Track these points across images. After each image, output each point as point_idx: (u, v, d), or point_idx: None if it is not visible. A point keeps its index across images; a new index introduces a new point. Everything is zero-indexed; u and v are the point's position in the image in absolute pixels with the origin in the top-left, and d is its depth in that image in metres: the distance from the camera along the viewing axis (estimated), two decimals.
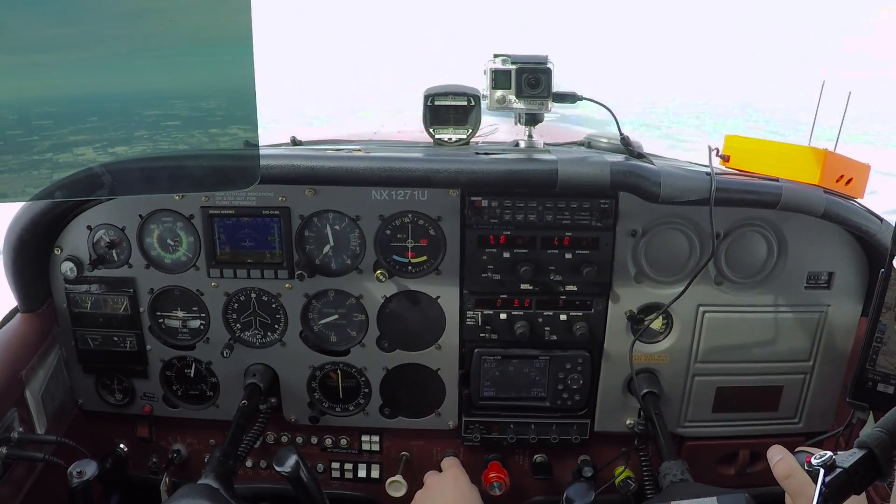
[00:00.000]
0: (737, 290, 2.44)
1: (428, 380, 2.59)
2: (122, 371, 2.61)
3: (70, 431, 2.54)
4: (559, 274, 2.41)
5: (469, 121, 2.50)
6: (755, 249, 2.40)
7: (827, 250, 2.40)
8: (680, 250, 2.40)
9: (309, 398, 2.63)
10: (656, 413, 2.40)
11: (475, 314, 2.48)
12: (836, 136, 2.30)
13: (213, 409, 2.65)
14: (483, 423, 2.60)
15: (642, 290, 2.43)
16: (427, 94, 2.49)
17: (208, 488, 1.97)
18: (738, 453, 2.67)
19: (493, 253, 2.39)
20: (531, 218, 2.35)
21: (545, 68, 2.35)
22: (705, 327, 2.47)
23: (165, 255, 2.45)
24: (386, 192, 2.35)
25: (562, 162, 2.23)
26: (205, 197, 2.36)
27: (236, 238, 2.41)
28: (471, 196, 2.34)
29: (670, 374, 2.53)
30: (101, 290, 2.49)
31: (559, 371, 2.53)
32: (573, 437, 2.61)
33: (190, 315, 2.54)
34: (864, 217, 2.29)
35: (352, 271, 2.44)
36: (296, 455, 2.02)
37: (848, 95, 2.23)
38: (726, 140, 2.52)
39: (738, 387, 2.55)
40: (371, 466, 2.76)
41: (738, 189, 2.24)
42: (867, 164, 2.39)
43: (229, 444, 2.25)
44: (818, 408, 2.58)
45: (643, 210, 2.34)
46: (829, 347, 2.49)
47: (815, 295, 2.45)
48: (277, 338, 2.54)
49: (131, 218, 2.40)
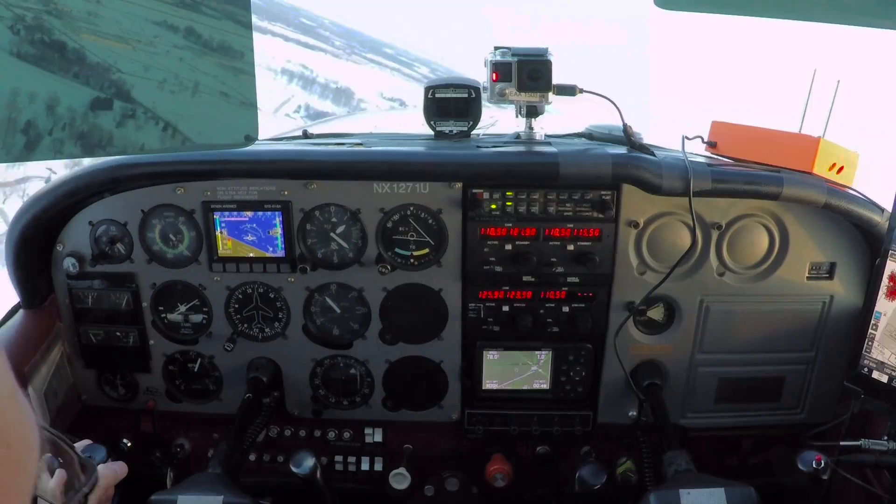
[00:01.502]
0: (739, 282, 2.44)
1: (430, 372, 2.59)
2: (125, 366, 2.62)
3: (73, 427, 2.54)
4: (561, 266, 2.41)
5: (470, 113, 2.50)
6: (757, 240, 2.40)
7: (828, 241, 2.40)
8: (682, 241, 2.40)
9: (312, 392, 2.64)
10: (659, 404, 2.41)
11: (477, 306, 2.48)
12: (825, 124, 2.30)
13: (217, 404, 2.66)
14: (486, 416, 2.61)
15: (644, 281, 2.43)
16: (428, 86, 2.49)
17: (219, 477, 2.00)
18: (740, 444, 2.68)
19: (495, 245, 2.39)
20: (533, 210, 2.35)
21: (545, 61, 2.35)
22: (707, 318, 2.47)
23: (167, 250, 2.46)
24: (387, 185, 2.35)
25: (563, 154, 2.24)
26: (206, 192, 2.36)
27: (238, 232, 2.41)
28: (472, 189, 2.34)
29: (673, 365, 2.54)
30: (104, 286, 2.49)
31: (562, 363, 2.53)
32: (576, 428, 2.61)
33: (192, 310, 2.54)
34: (866, 207, 2.29)
35: (354, 264, 2.45)
36: (313, 458, 2.05)
37: (837, 84, 2.22)
38: (712, 126, 2.50)
39: (740, 378, 2.55)
40: (374, 459, 2.77)
41: (740, 180, 2.25)
42: (857, 153, 2.38)
43: (234, 438, 2.25)
44: (820, 398, 2.58)
45: (645, 201, 2.34)
46: (831, 338, 2.49)
47: (817, 285, 2.45)
48: (280, 331, 2.55)
49: (133, 213, 2.40)
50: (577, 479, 2.07)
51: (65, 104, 1.55)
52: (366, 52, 29.66)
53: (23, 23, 1.44)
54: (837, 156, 2.33)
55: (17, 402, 0.77)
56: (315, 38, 29.30)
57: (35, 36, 1.47)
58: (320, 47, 29.51)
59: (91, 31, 1.55)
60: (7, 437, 0.72)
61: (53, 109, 1.53)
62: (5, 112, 1.45)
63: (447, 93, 2.48)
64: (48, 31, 1.48)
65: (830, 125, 2.28)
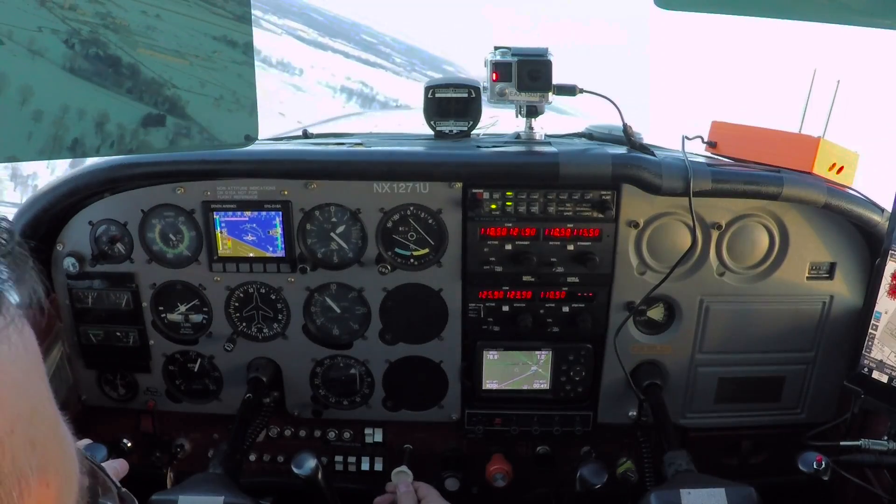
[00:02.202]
0: (739, 282, 2.44)
1: (430, 372, 2.59)
2: (125, 366, 2.62)
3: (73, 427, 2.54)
4: (561, 265, 2.41)
5: (470, 113, 2.50)
6: (757, 240, 2.40)
7: (829, 241, 2.40)
8: (682, 241, 2.40)
9: (312, 392, 2.64)
10: (659, 404, 2.41)
11: (477, 306, 2.48)
12: (825, 124, 2.30)
13: (217, 404, 2.66)
14: (486, 416, 2.61)
15: (644, 281, 2.43)
16: (428, 86, 2.49)
17: (220, 477, 2.00)
18: (740, 444, 2.68)
19: (495, 245, 2.40)
20: (533, 210, 2.36)
21: (545, 61, 2.35)
22: (707, 318, 2.47)
23: (167, 249, 2.46)
24: (387, 185, 2.35)
25: (563, 154, 2.24)
26: (206, 191, 2.36)
27: (238, 232, 2.41)
28: (472, 188, 2.34)
29: (673, 365, 2.54)
30: (103, 286, 2.49)
31: (562, 363, 2.53)
32: (576, 428, 2.61)
33: (192, 310, 2.54)
34: (866, 207, 2.29)
35: (354, 264, 2.45)
36: (315, 459, 2.05)
37: (837, 84, 2.22)
38: (712, 126, 2.51)
39: (740, 377, 2.56)
40: (374, 459, 2.77)
41: (740, 180, 2.25)
42: (857, 153, 2.39)
43: (234, 438, 2.25)
44: (820, 398, 2.58)
45: (645, 201, 2.34)
46: (832, 338, 2.49)
47: (817, 285, 2.45)
48: (280, 331, 2.55)
49: (133, 213, 2.40)
50: (578, 479, 2.08)
51: (115, 121, 1.52)
52: (426, 69, 29.13)
53: (78, 37, 1.41)
54: (837, 156, 2.33)
55: (59, 437, 0.75)
56: (376, 54, 28.79)
57: (90, 50, 1.44)
58: (381, 64, 29.08)
59: (148, 45, 1.52)
60: (47, 474, 0.70)
61: (103, 126, 1.50)
62: (52, 129, 1.43)
63: (447, 93, 2.48)
64: (104, 46, 1.45)
65: (830, 125, 2.28)
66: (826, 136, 2.29)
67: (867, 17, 1.77)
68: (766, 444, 2.71)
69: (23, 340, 0.70)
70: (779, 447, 2.67)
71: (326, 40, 26.86)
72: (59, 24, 1.38)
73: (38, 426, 0.71)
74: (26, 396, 0.70)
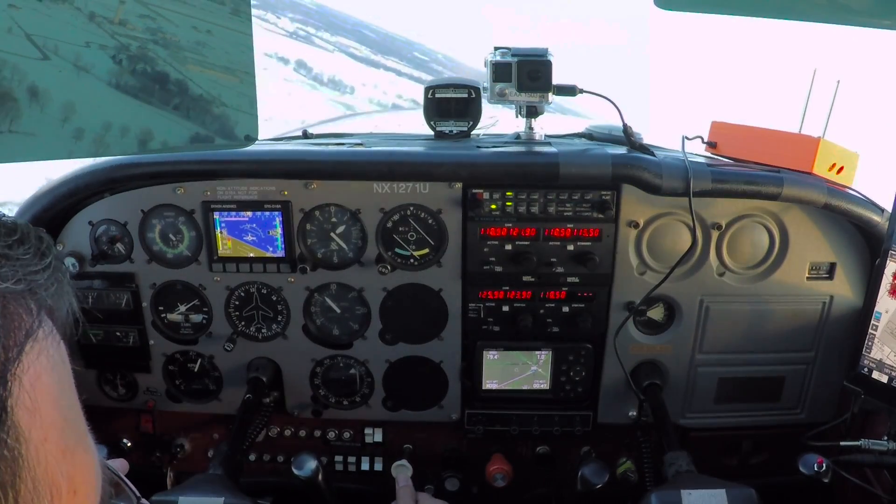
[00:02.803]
0: (739, 282, 2.44)
1: (430, 372, 2.59)
2: (125, 366, 2.62)
3: None
4: (561, 266, 2.41)
5: (470, 113, 2.50)
6: (757, 240, 2.40)
7: (828, 241, 2.40)
8: (682, 242, 2.40)
9: (311, 392, 2.64)
10: (659, 404, 2.41)
11: (477, 306, 2.48)
12: (825, 124, 2.30)
13: (216, 404, 2.66)
14: (486, 416, 2.61)
15: (644, 281, 2.43)
16: (428, 86, 2.49)
17: (220, 478, 2.01)
18: (740, 444, 2.68)
19: (495, 245, 2.40)
20: (533, 210, 2.35)
21: (545, 61, 2.35)
22: (707, 318, 2.47)
23: (167, 249, 2.46)
24: (387, 185, 2.35)
25: (563, 154, 2.24)
26: (206, 192, 2.36)
27: (238, 232, 2.41)
28: (472, 188, 2.34)
29: (673, 365, 2.54)
30: (104, 286, 2.49)
31: (562, 363, 2.53)
32: (576, 428, 2.61)
33: (192, 310, 2.54)
34: (867, 207, 2.29)
35: (354, 264, 2.45)
36: (315, 460, 2.05)
37: (837, 84, 2.22)
38: (712, 126, 2.51)
39: (740, 378, 2.56)
40: (374, 459, 2.77)
41: (740, 180, 2.25)
42: (856, 153, 2.39)
43: (234, 438, 2.25)
44: (820, 398, 2.58)
45: (645, 202, 2.34)
46: (832, 338, 2.49)
47: (817, 285, 2.45)
48: (280, 331, 2.55)
49: (133, 213, 2.40)
50: (579, 478, 2.08)
51: (159, 139, 1.48)
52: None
53: (126, 52, 1.35)
54: (837, 156, 2.33)
55: (86, 446, 0.77)
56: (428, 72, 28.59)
57: (137, 66, 1.38)
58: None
59: (197, 61, 1.46)
60: (75, 482, 0.72)
61: (146, 144, 1.46)
62: (92, 148, 1.39)
63: (447, 93, 2.48)
64: (152, 62, 1.39)
65: (830, 125, 2.28)
66: (826, 136, 2.30)
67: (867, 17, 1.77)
68: (765, 444, 2.71)
69: (59, 352, 0.73)
70: (779, 447, 2.67)
71: (379, 58, 26.78)
72: (107, 39, 1.34)
73: (69, 435, 0.73)
74: (59, 406, 0.71)
